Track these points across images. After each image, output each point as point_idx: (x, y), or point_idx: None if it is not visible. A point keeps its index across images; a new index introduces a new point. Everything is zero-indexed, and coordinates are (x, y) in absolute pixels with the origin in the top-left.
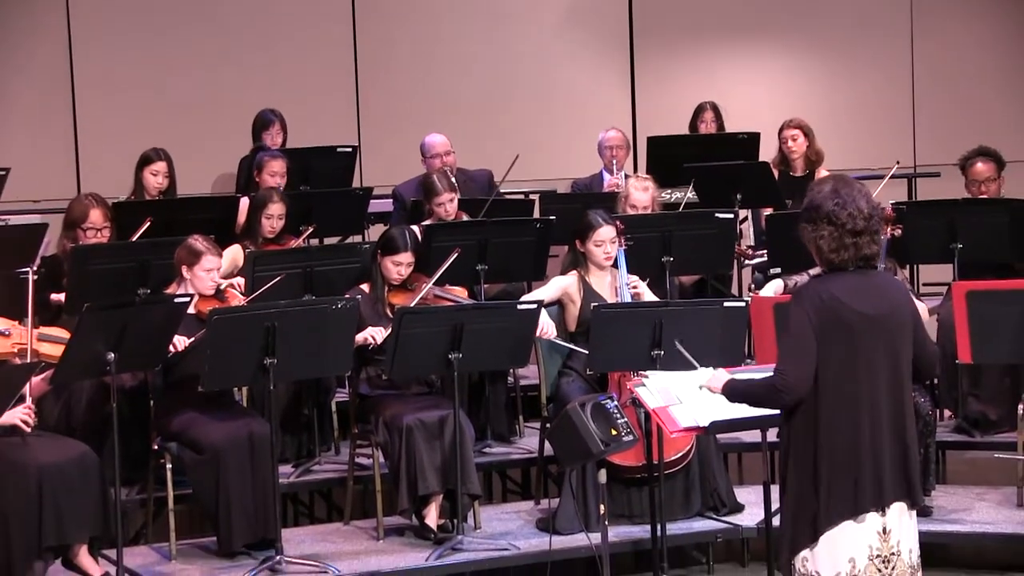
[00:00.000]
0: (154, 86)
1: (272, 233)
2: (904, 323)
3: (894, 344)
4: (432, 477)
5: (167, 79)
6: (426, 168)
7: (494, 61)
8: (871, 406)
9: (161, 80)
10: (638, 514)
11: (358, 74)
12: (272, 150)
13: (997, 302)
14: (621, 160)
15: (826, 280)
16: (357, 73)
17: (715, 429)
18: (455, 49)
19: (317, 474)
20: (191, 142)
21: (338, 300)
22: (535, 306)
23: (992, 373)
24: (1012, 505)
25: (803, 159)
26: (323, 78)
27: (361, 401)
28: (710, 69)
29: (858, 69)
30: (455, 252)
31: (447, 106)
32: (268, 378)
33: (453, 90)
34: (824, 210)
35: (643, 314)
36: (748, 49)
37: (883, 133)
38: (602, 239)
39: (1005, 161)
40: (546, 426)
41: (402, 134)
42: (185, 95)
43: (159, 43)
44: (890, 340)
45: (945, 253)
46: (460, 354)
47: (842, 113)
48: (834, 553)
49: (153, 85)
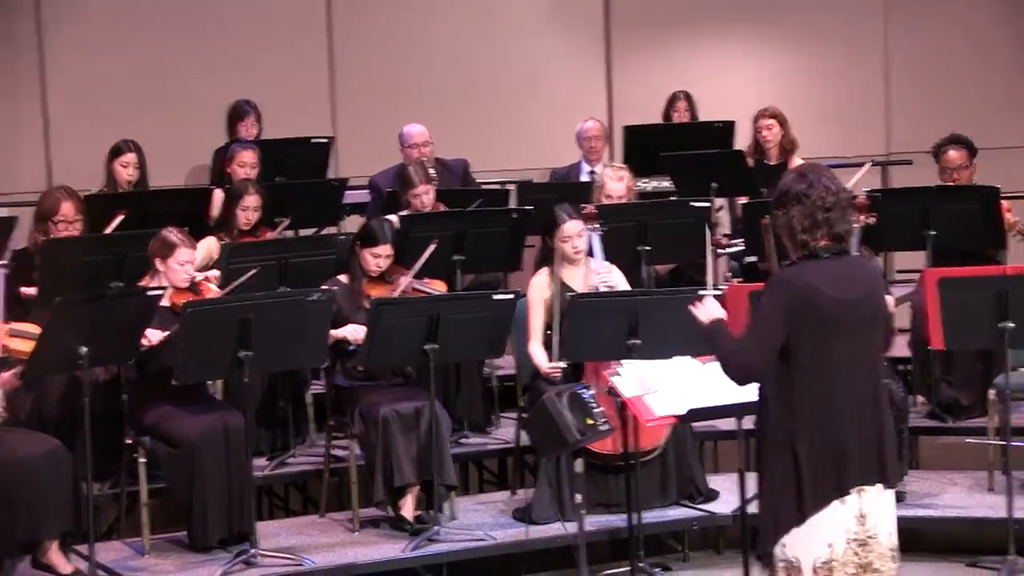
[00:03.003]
0: (126, 77)
1: (247, 225)
2: (878, 306)
3: (869, 329)
4: (408, 468)
5: (139, 70)
6: (403, 158)
7: (470, 51)
8: (848, 391)
9: (133, 71)
10: (615, 503)
11: (333, 64)
12: (244, 141)
13: (969, 289)
14: (599, 150)
15: (801, 267)
16: (332, 63)
17: (690, 418)
18: (431, 39)
19: (292, 466)
20: (164, 134)
21: (313, 292)
22: (511, 296)
23: (964, 359)
24: (983, 489)
25: (777, 148)
26: (298, 68)
27: (337, 393)
28: (686, 58)
29: (832, 58)
30: (433, 243)
31: (423, 96)
32: (243, 371)
33: (429, 80)
34: (793, 191)
35: (618, 304)
36: (724, 38)
37: (857, 121)
38: (568, 234)
39: (977, 148)
40: (522, 416)
41: (377, 124)
42: (158, 86)
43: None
44: (865, 325)
45: (918, 240)
46: (436, 345)
47: (816, 102)
48: (812, 538)
49: (125, 76)
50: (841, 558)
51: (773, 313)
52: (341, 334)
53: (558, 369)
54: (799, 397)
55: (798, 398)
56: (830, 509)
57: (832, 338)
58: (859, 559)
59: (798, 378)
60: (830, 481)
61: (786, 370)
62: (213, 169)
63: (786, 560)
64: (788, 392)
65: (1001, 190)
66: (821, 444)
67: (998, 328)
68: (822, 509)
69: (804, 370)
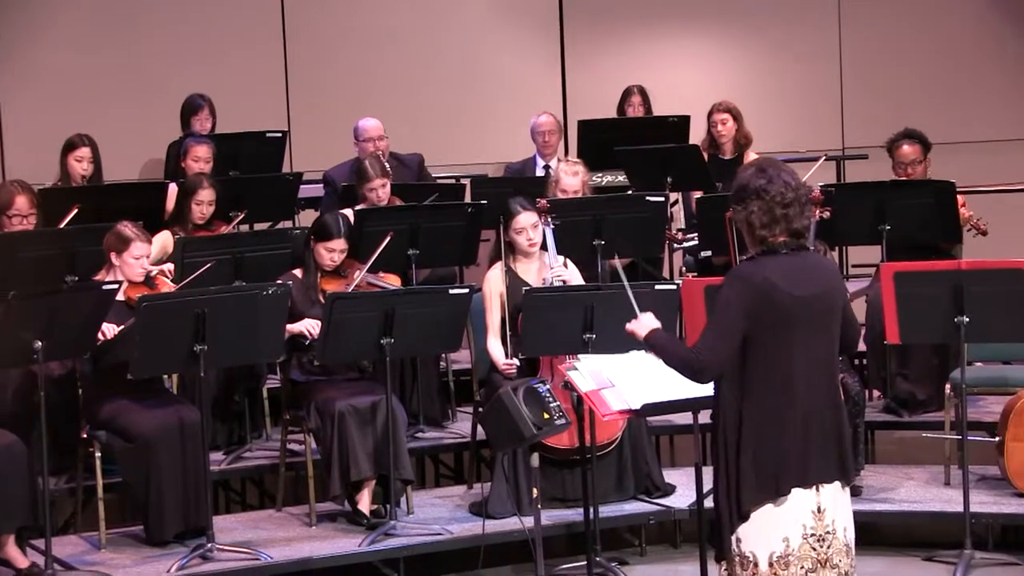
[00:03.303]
0: (80, 71)
1: (202, 219)
2: (836, 304)
3: (827, 325)
4: (364, 462)
5: (93, 64)
6: (358, 152)
7: (425, 45)
8: (805, 388)
9: (87, 65)
10: (571, 497)
11: (287, 59)
12: (197, 135)
13: (925, 283)
14: (554, 145)
15: (759, 262)
16: (286, 58)
17: (647, 412)
18: (385, 33)
19: (248, 461)
20: (119, 128)
21: (269, 286)
22: (466, 290)
23: (920, 353)
24: (939, 483)
25: (732, 142)
26: (252, 63)
27: (293, 387)
28: (640, 52)
29: (786, 52)
30: (388, 235)
31: (377, 90)
32: (198, 365)
33: (383, 74)
34: (752, 187)
35: (574, 298)
36: (678, 33)
37: (811, 116)
38: (522, 226)
39: (931, 143)
40: (478, 410)
41: (332, 118)
42: (112, 80)
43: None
44: (823, 321)
45: (873, 234)
46: (392, 339)
47: (771, 96)
48: (768, 532)
49: (79, 70)
50: (798, 552)
51: (732, 309)
52: (298, 328)
53: (513, 365)
54: (754, 393)
55: (753, 394)
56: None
57: (789, 334)
58: (816, 554)
59: (754, 374)
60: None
61: (742, 366)
62: (167, 163)
63: (741, 555)
64: (743, 388)
65: (956, 185)
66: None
67: (954, 322)
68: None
69: (760, 366)
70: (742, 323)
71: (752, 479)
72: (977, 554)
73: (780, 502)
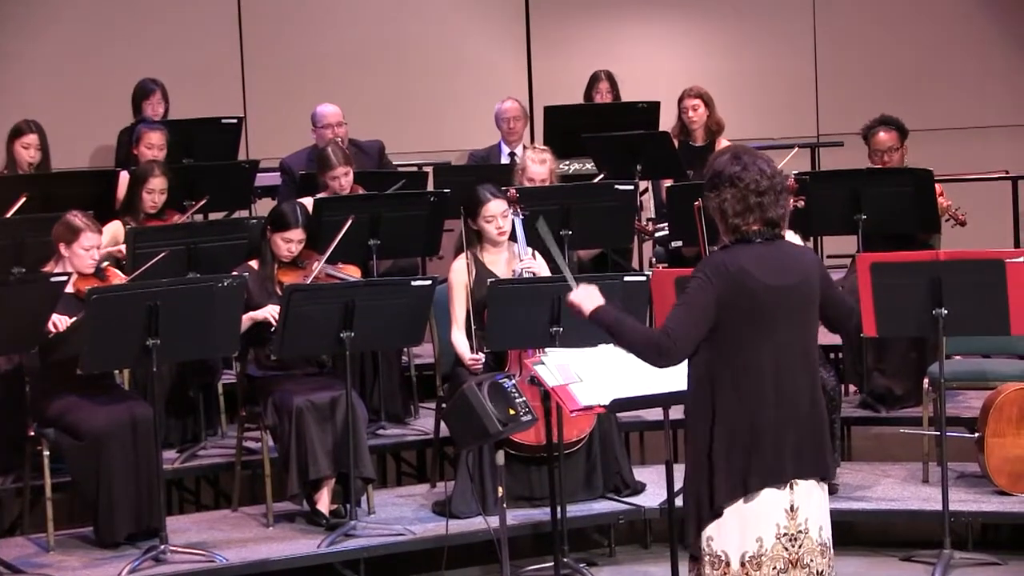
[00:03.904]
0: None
1: (154, 208)
2: (813, 294)
3: (803, 316)
4: (323, 461)
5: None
6: (316, 139)
7: (385, 28)
8: (779, 381)
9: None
10: (538, 496)
11: (243, 42)
12: (150, 121)
13: (902, 274)
14: (519, 131)
15: (733, 251)
16: (242, 41)
17: (616, 408)
18: (344, 15)
19: (203, 459)
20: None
21: (224, 278)
22: (429, 282)
23: (897, 347)
24: (918, 481)
25: (703, 129)
26: (206, 46)
27: (249, 382)
28: (609, 37)
29: (759, 37)
30: (349, 219)
31: (336, 75)
32: (151, 359)
33: (343, 59)
34: (726, 174)
35: (541, 290)
36: (648, 16)
37: (785, 102)
38: (492, 214)
39: (908, 130)
40: (442, 406)
41: (289, 105)
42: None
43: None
44: (799, 312)
45: (849, 224)
46: (352, 333)
47: (743, 82)
48: (740, 531)
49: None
50: (770, 552)
51: (703, 297)
52: (261, 315)
53: (480, 360)
54: (727, 387)
55: (726, 387)
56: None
57: (764, 326)
58: (789, 554)
59: (727, 367)
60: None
61: (714, 358)
62: (118, 150)
63: (713, 554)
64: (715, 381)
65: (934, 173)
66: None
67: (932, 315)
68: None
69: (734, 359)
70: (713, 311)
71: (724, 475)
72: (956, 554)
73: (752, 499)
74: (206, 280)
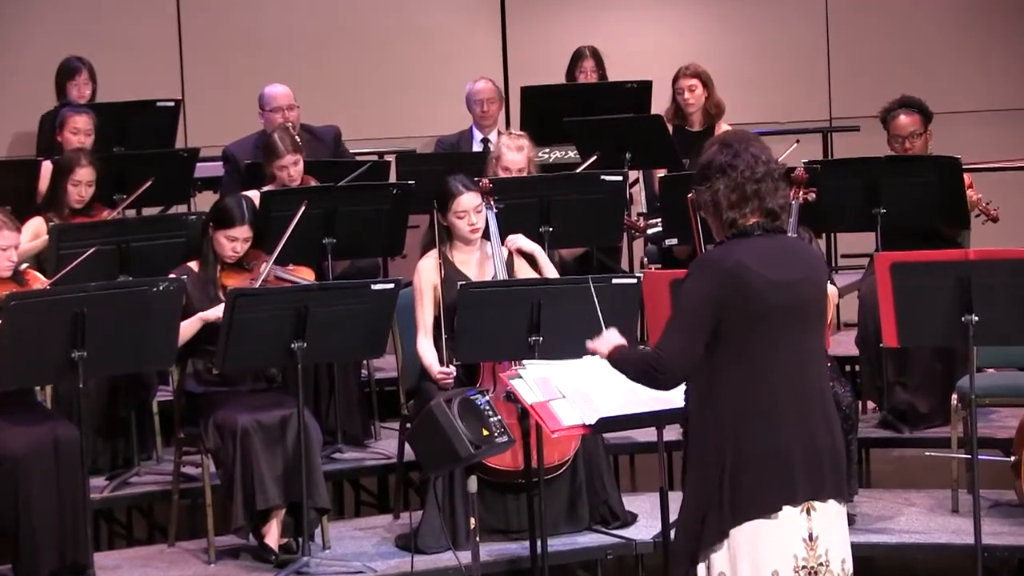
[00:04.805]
0: None
1: (80, 203)
2: (821, 292)
3: (812, 315)
4: (272, 488)
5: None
6: (264, 124)
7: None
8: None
9: None
10: (515, 528)
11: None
12: (75, 104)
13: (927, 276)
14: (493, 115)
15: (729, 246)
16: (180, 13)
17: (603, 428)
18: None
19: (136, 487)
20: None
21: (160, 281)
22: (391, 286)
23: (921, 359)
24: (946, 511)
25: (701, 112)
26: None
27: (188, 400)
28: (592, 9)
29: (764, 7)
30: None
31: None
32: (77, 374)
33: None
34: (716, 163)
35: (518, 293)
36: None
37: (793, 82)
38: (464, 209)
39: (932, 113)
40: (406, 427)
41: (234, 85)
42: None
43: None
44: (807, 311)
45: (866, 219)
46: (304, 343)
47: (746, 59)
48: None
49: None
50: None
51: (699, 303)
52: (215, 314)
53: (450, 373)
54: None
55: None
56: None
57: (768, 325)
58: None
59: (728, 374)
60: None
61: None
62: (40, 137)
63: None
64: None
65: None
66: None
67: (961, 322)
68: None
69: (736, 364)
70: (710, 317)
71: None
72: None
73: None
74: (139, 284)
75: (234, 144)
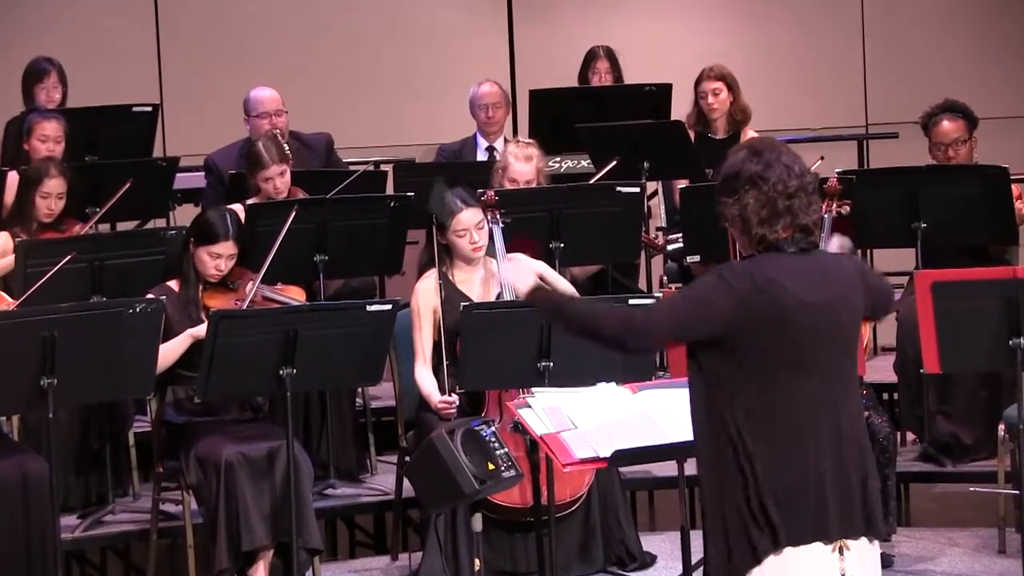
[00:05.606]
0: None
1: (50, 216)
2: (856, 312)
3: (845, 340)
4: (259, 528)
5: None
6: (250, 131)
7: None
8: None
9: None
10: (523, 570)
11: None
12: (44, 110)
13: (971, 296)
14: (499, 121)
15: (759, 260)
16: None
17: (619, 461)
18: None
19: (111, 526)
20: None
21: (136, 302)
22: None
23: (965, 385)
24: (992, 551)
25: (726, 118)
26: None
27: (167, 431)
28: (607, 5)
29: (795, 5)
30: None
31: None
32: (46, 403)
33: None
34: (745, 174)
35: (526, 315)
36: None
37: (826, 84)
38: (465, 227)
39: (978, 118)
40: (405, 460)
41: (216, 89)
42: None
43: None
44: (843, 335)
45: (905, 234)
46: (294, 369)
47: (775, 60)
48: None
49: None
50: None
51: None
52: (200, 332)
53: (452, 403)
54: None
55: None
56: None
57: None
58: None
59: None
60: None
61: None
62: (6, 145)
63: None
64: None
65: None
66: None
67: (1008, 346)
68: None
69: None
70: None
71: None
72: None
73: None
74: (114, 305)
75: (217, 153)
